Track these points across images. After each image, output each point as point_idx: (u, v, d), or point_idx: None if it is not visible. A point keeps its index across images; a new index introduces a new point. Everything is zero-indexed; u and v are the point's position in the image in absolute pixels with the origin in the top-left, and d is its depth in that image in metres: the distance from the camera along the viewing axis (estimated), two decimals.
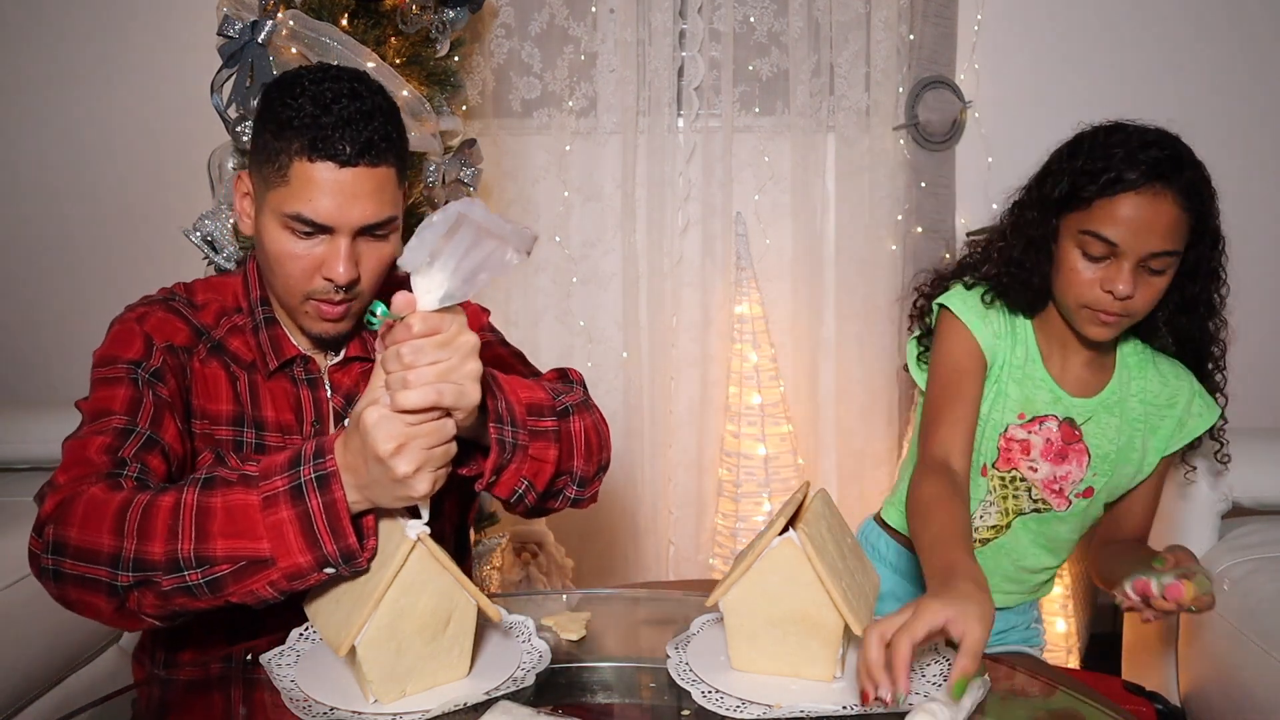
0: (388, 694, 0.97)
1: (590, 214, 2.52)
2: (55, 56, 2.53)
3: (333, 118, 1.09)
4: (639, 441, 2.51)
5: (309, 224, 1.11)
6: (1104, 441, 1.40)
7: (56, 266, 2.64)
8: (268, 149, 1.12)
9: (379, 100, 1.13)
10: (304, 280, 1.15)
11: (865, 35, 2.40)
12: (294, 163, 1.10)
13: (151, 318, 1.20)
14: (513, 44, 2.44)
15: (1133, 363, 1.42)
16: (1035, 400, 1.39)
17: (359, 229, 1.13)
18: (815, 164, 2.44)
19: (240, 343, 1.23)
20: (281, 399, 1.23)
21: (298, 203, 1.10)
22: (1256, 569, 1.73)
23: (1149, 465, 1.43)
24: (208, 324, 1.23)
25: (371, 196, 1.12)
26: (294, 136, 1.09)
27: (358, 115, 1.10)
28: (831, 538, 1.03)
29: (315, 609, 1.00)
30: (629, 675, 1.10)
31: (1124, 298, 1.26)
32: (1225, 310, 1.40)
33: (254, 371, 1.23)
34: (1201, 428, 1.42)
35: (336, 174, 1.09)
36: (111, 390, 1.13)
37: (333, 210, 1.10)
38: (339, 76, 1.13)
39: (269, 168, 1.12)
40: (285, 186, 1.11)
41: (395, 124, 1.15)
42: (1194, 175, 1.26)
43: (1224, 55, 2.46)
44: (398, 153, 1.14)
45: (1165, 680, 1.87)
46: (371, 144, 1.10)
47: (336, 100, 1.10)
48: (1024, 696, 1.08)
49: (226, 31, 1.76)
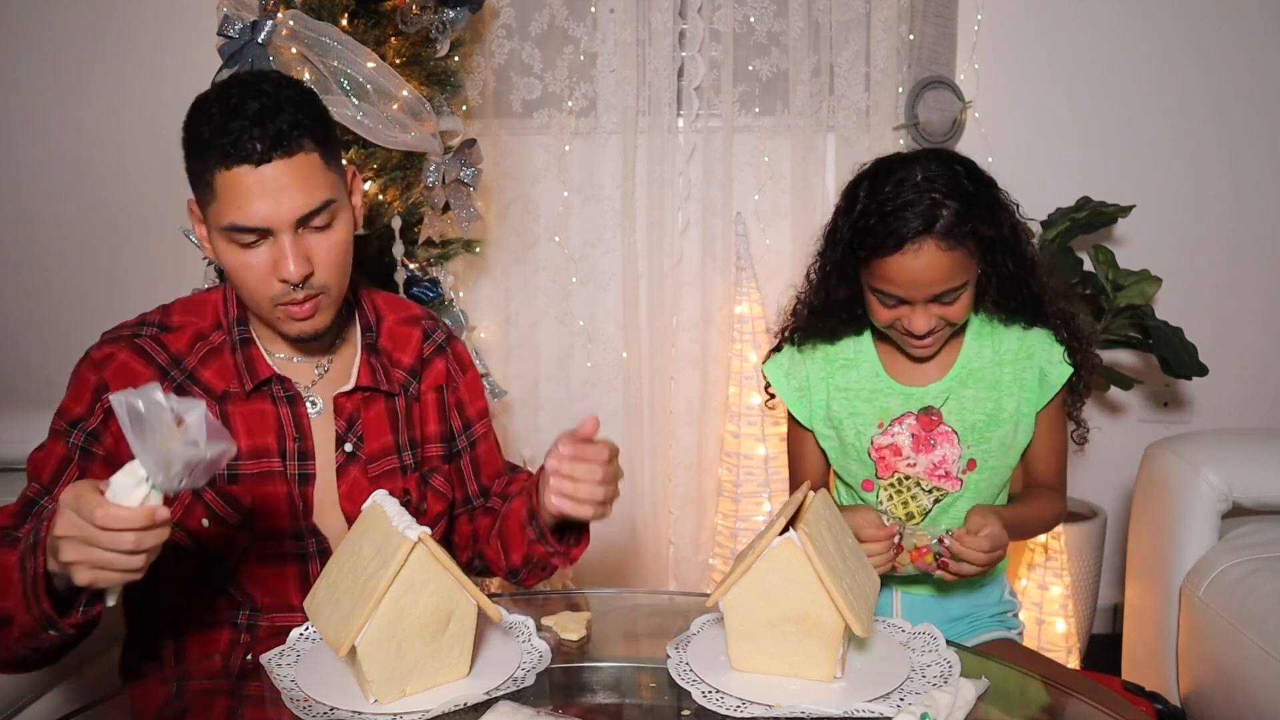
0: (388, 694, 0.97)
1: (590, 214, 2.52)
2: (55, 56, 2.52)
3: (240, 120, 1.09)
4: (639, 441, 2.51)
5: (245, 230, 1.12)
6: (966, 414, 1.45)
7: (57, 266, 2.64)
8: (194, 172, 1.14)
9: (288, 92, 1.14)
10: (264, 287, 1.15)
11: (865, 35, 2.40)
12: (216, 176, 1.11)
13: (113, 363, 1.20)
14: (513, 44, 2.44)
15: (985, 331, 1.48)
16: (889, 408, 1.47)
17: (296, 223, 1.13)
18: (815, 164, 2.44)
19: (216, 368, 1.23)
20: (259, 421, 1.23)
21: (229, 213, 1.11)
22: (1256, 569, 1.73)
23: (1026, 419, 1.47)
24: (179, 352, 1.23)
25: (297, 187, 1.11)
26: (209, 151, 1.11)
27: (263, 112, 1.10)
28: (831, 538, 1.03)
29: (315, 609, 1.00)
30: (629, 675, 1.10)
31: (922, 335, 1.37)
32: (1037, 241, 1.49)
33: (226, 401, 1.23)
34: (1063, 375, 1.46)
35: (255, 174, 1.10)
36: (51, 448, 1.21)
37: (262, 210, 1.11)
38: (244, 81, 1.14)
39: (199, 189, 1.14)
40: (216, 202, 1.12)
41: (308, 109, 1.14)
42: (956, 208, 1.31)
43: (1223, 55, 2.46)
44: (318, 137, 1.14)
45: (1165, 680, 1.87)
46: (282, 135, 1.10)
47: (242, 103, 1.10)
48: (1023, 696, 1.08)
49: (226, 31, 1.76)
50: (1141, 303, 2.32)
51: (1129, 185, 2.43)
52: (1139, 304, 2.32)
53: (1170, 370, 2.30)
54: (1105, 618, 2.62)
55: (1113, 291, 2.34)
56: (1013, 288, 1.43)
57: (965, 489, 1.47)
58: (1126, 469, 2.25)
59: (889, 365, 1.49)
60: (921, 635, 1.10)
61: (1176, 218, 2.52)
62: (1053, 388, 1.46)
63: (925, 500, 1.47)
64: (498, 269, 2.52)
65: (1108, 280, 2.34)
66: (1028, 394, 1.46)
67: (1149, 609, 1.95)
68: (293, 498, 1.24)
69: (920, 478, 1.46)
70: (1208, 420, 2.59)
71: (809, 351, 1.53)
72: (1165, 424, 2.58)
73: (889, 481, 1.48)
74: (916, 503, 1.48)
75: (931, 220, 1.30)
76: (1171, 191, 2.51)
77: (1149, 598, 1.95)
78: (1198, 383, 2.37)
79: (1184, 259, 2.50)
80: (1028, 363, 1.46)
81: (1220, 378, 2.38)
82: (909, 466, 1.46)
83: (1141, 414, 2.63)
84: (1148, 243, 2.49)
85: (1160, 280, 2.32)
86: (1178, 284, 2.42)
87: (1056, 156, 2.48)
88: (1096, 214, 2.33)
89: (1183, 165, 2.51)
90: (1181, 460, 1.87)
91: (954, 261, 1.33)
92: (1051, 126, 2.49)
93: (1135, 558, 2.04)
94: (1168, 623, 1.86)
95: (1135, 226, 2.47)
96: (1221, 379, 2.41)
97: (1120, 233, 2.51)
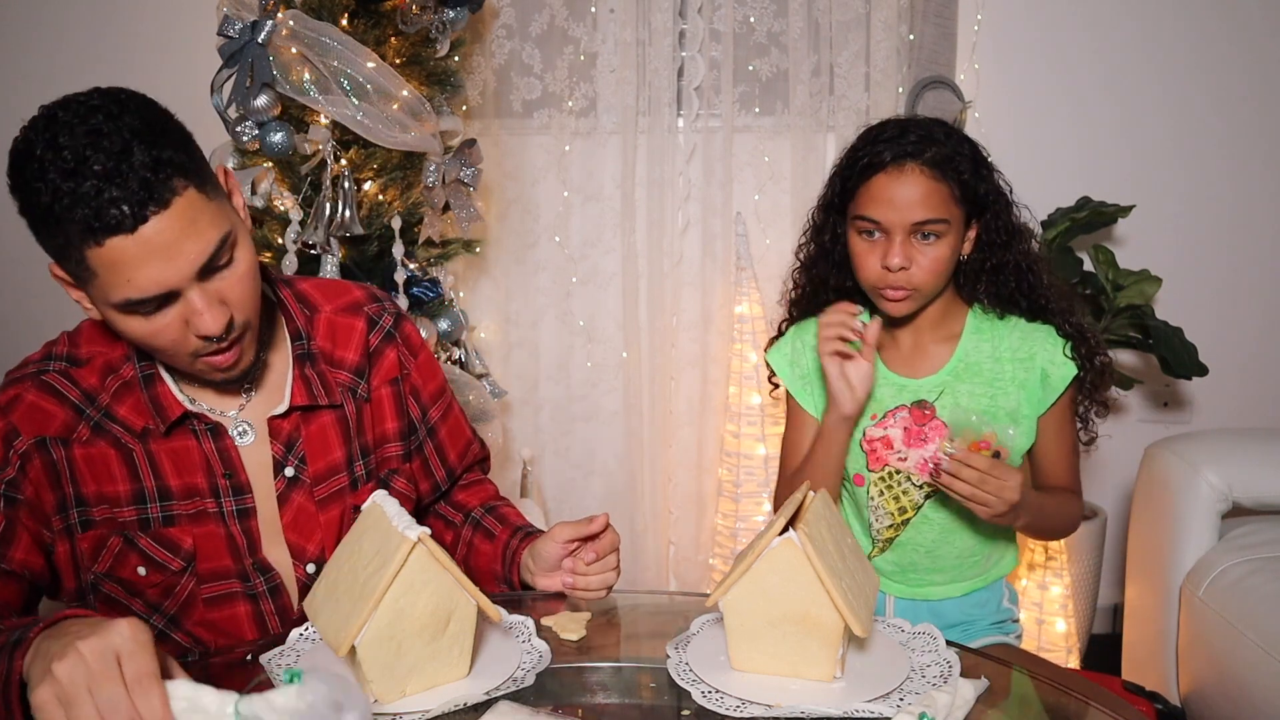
0: (388, 694, 0.97)
1: (590, 214, 2.52)
2: (55, 56, 2.52)
3: (90, 180, 0.91)
4: (639, 441, 2.51)
5: (144, 302, 0.98)
6: (961, 410, 1.44)
7: None
8: (52, 246, 0.97)
9: (126, 120, 0.95)
10: (181, 346, 1.03)
11: (865, 35, 2.40)
12: (85, 254, 0.94)
13: (20, 405, 1.09)
14: (513, 44, 2.44)
15: (984, 326, 1.48)
16: (882, 399, 1.47)
17: (199, 273, 0.99)
18: (815, 164, 2.44)
19: (130, 404, 1.12)
20: (184, 459, 1.14)
21: (118, 290, 0.96)
22: (1256, 569, 1.73)
23: (1026, 419, 1.45)
24: (92, 387, 1.12)
25: (186, 237, 0.96)
26: (65, 226, 0.93)
27: (112, 161, 0.92)
28: (831, 538, 1.02)
29: (315, 609, 1.00)
30: (629, 675, 1.10)
31: (899, 269, 1.36)
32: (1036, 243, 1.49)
33: (149, 439, 1.12)
34: (1067, 376, 1.45)
35: (133, 240, 0.93)
36: None
37: (157, 276, 0.96)
38: (70, 123, 0.94)
39: (68, 265, 0.98)
40: (95, 279, 0.96)
41: (162, 138, 0.96)
42: (946, 150, 1.37)
43: (1223, 55, 2.46)
44: (184, 167, 0.96)
45: (1165, 680, 1.87)
46: (146, 185, 0.93)
47: (81, 158, 0.92)
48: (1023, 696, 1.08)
49: (226, 31, 1.76)
50: (1141, 303, 2.32)
51: (1129, 185, 2.43)
52: (1139, 304, 2.32)
53: (1170, 370, 2.30)
54: (1105, 618, 2.62)
55: (1113, 291, 2.34)
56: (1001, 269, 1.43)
57: None
58: (1126, 469, 2.26)
59: (884, 353, 1.48)
60: (921, 635, 1.10)
61: (1176, 218, 2.52)
62: (1055, 390, 1.45)
63: (916, 495, 1.46)
64: (498, 269, 2.52)
65: (1108, 280, 2.34)
66: (1028, 395, 1.45)
67: (1149, 609, 1.95)
68: (233, 536, 1.16)
69: (911, 472, 1.45)
70: (1208, 420, 2.59)
71: (808, 339, 1.53)
72: (1165, 424, 2.58)
73: (879, 475, 1.47)
74: (908, 497, 1.46)
75: (920, 149, 1.36)
76: (1171, 191, 2.51)
77: (1149, 598, 1.95)
78: (1198, 383, 2.37)
79: (1184, 259, 2.50)
80: (1029, 363, 1.45)
81: (1220, 378, 2.38)
82: (899, 460, 1.45)
83: (1141, 414, 2.63)
84: (1148, 243, 2.49)
85: (1160, 280, 2.32)
86: (1178, 284, 2.42)
87: (1056, 156, 2.48)
88: (1096, 214, 2.33)
89: (1183, 165, 2.51)
90: (1181, 460, 1.87)
91: (937, 191, 1.36)
92: (1051, 126, 2.49)
93: (1135, 558, 2.04)
94: (1168, 623, 1.87)
95: (1135, 226, 2.47)
96: (1221, 379, 2.41)
97: (1120, 233, 2.51)
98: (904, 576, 1.50)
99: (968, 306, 1.49)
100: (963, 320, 1.48)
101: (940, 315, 1.47)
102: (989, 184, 1.42)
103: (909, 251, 1.36)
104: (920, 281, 1.38)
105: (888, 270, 1.37)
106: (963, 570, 1.51)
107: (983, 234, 1.43)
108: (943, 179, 1.36)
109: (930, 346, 1.48)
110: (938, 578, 1.50)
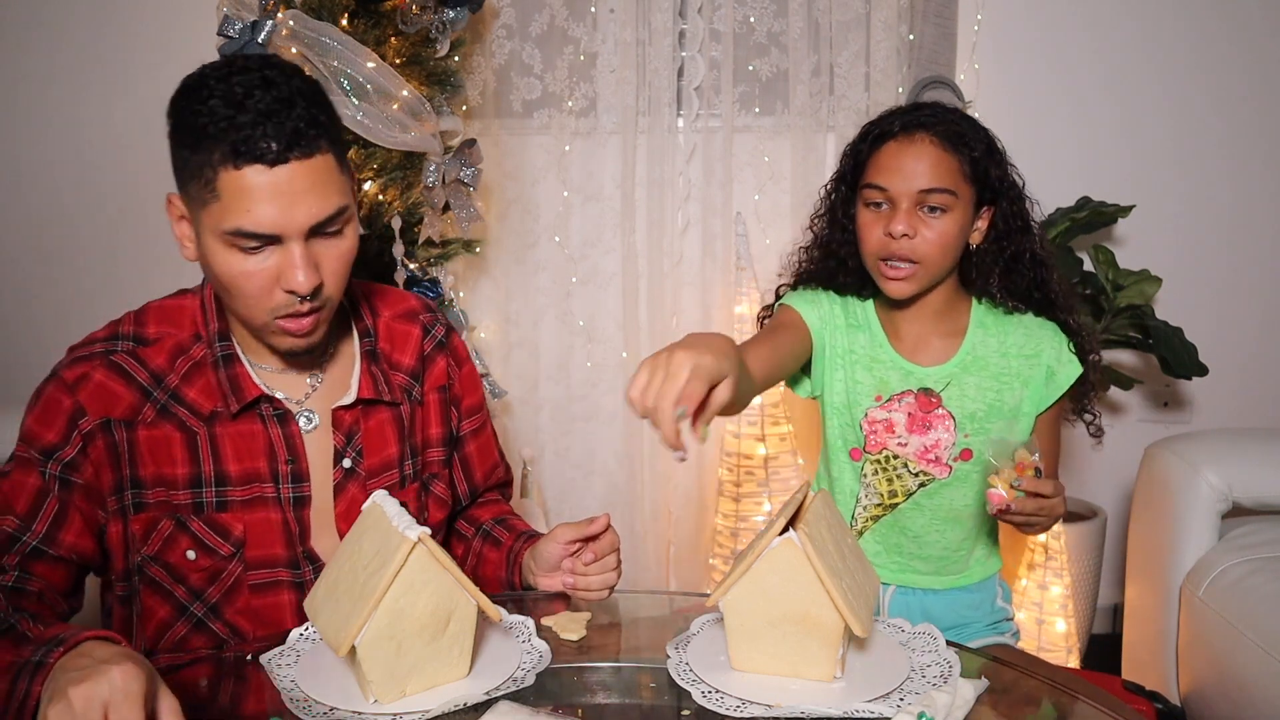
0: (388, 694, 0.97)
1: (590, 214, 2.52)
2: (55, 56, 2.52)
3: (249, 114, 0.98)
4: (638, 441, 2.51)
5: (253, 237, 1.02)
6: (966, 402, 1.44)
7: (57, 265, 2.64)
8: (189, 165, 1.02)
9: (296, 84, 1.03)
10: (264, 298, 1.06)
11: (865, 35, 2.40)
12: (219, 174, 1.00)
13: (88, 384, 1.10)
14: (513, 44, 2.44)
15: (989, 321, 1.47)
16: (889, 381, 1.46)
17: (309, 230, 1.03)
18: (815, 164, 2.44)
19: (201, 386, 1.14)
20: (248, 444, 1.15)
21: (234, 217, 1.01)
22: (1256, 569, 1.73)
23: (1026, 418, 1.46)
24: (160, 368, 1.13)
25: (313, 191, 1.02)
26: (212, 145, 0.99)
27: (276, 105, 0.99)
28: (831, 538, 1.03)
29: (315, 609, 1.00)
30: (629, 675, 1.10)
31: (901, 235, 1.35)
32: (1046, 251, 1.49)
33: (214, 423, 1.14)
34: (1072, 375, 1.45)
35: (268, 176, 0.99)
36: (23, 477, 1.09)
37: (275, 216, 1.01)
38: (247, 67, 1.02)
39: (195, 185, 1.02)
40: (217, 202, 1.01)
41: (321, 105, 1.04)
42: (957, 126, 1.38)
43: (1224, 55, 2.46)
44: (331, 136, 1.04)
45: (1165, 680, 1.87)
46: (299, 134, 1.00)
47: (249, 94, 0.99)
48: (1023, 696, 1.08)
49: (226, 31, 1.76)
50: (1141, 303, 2.32)
51: (1129, 185, 2.43)
52: (1139, 304, 2.32)
53: (1170, 370, 2.30)
54: (1105, 618, 2.62)
55: (1113, 291, 2.34)
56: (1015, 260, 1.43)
57: (954, 477, 1.45)
58: (1126, 469, 2.25)
59: (892, 336, 1.47)
60: (921, 635, 1.10)
61: (1176, 218, 2.52)
62: (1060, 388, 1.45)
63: (910, 482, 1.45)
64: (498, 269, 2.52)
65: (1108, 280, 2.34)
66: (1031, 391, 1.45)
67: (1149, 609, 1.95)
68: (287, 523, 1.17)
69: (909, 459, 1.44)
70: (1208, 420, 2.59)
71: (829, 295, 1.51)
72: (1165, 424, 2.58)
73: (876, 458, 1.46)
74: (901, 483, 1.46)
75: (934, 120, 1.38)
76: (1171, 191, 2.51)
77: (1149, 598, 1.95)
78: (1198, 383, 2.37)
79: (1184, 259, 2.50)
80: (1035, 359, 1.45)
81: (1220, 378, 2.38)
82: (899, 445, 1.44)
83: (1141, 414, 2.63)
84: (1148, 243, 2.49)
85: (1160, 280, 2.32)
86: (1178, 284, 2.42)
87: (1056, 156, 2.48)
88: (1096, 214, 2.33)
89: (1183, 165, 2.51)
90: (1181, 460, 1.87)
91: (945, 161, 1.36)
92: (1051, 126, 2.49)
93: (1135, 558, 2.04)
94: (1168, 623, 1.87)
95: (1135, 226, 2.47)
96: (1221, 379, 2.41)
97: (1120, 233, 2.51)
98: (889, 559, 1.50)
99: (972, 300, 1.48)
100: (967, 314, 1.48)
101: (944, 307, 1.46)
102: (1002, 170, 1.41)
103: (914, 222, 1.35)
104: (924, 254, 1.36)
105: (890, 238, 1.36)
106: (947, 564, 1.50)
107: (999, 222, 1.42)
108: (953, 151, 1.36)
109: (935, 339, 1.47)
110: (922, 566, 1.49)
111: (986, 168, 1.39)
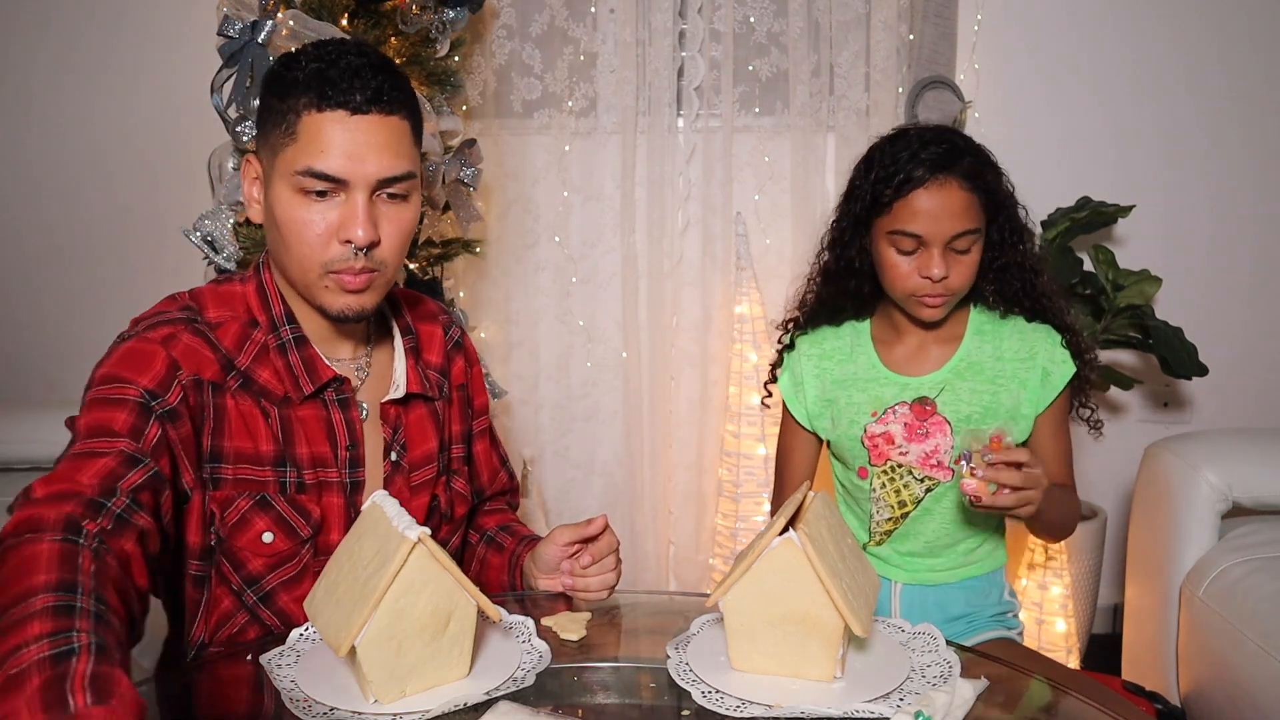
0: (388, 694, 0.97)
1: (590, 214, 2.52)
2: (55, 56, 2.53)
3: (339, 69, 1.05)
4: (639, 441, 2.51)
5: (322, 177, 1.05)
6: (962, 406, 1.46)
7: (58, 266, 2.64)
8: (274, 113, 1.07)
9: (385, 61, 1.10)
10: (320, 248, 1.07)
11: (865, 35, 2.40)
12: (302, 117, 1.05)
13: (180, 341, 1.08)
14: (514, 45, 2.44)
15: (986, 327, 1.50)
16: (883, 396, 1.49)
17: (376, 185, 1.07)
18: (815, 164, 2.44)
19: (269, 371, 1.13)
20: (313, 427, 1.16)
21: (308, 156, 1.04)
22: (1256, 569, 1.73)
23: (1025, 419, 1.47)
24: (231, 349, 1.12)
25: (387, 148, 1.06)
26: (301, 92, 1.05)
27: (365, 67, 1.05)
28: (831, 538, 1.03)
29: (315, 609, 1.00)
30: (629, 675, 1.10)
31: (940, 279, 1.39)
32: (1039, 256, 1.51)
33: (285, 405, 1.14)
34: (1067, 374, 1.47)
35: (348, 122, 1.04)
36: (111, 412, 0.99)
37: (346, 162, 1.04)
38: (342, 41, 1.10)
39: (276, 132, 1.07)
40: (294, 144, 1.05)
41: (404, 84, 1.10)
42: (972, 160, 1.41)
43: (1224, 56, 2.46)
44: (410, 109, 1.10)
45: (1165, 680, 1.87)
46: (382, 92, 1.05)
47: (342, 55, 1.06)
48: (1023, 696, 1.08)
49: (226, 31, 1.76)
50: (1141, 303, 2.32)
51: (1128, 185, 2.43)
52: (1139, 304, 2.32)
53: (1170, 370, 2.30)
54: (1105, 618, 2.62)
55: (1113, 291, 2.34)
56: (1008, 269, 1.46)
57: (957, 479, 1.45)
58: (1126, 469, 2.26)
59: (885, 356, 1.51)
60: (921, 635, 1.10)
61: (1176, 218, 2.52)
62: (1055, 388, 1.47)
63: (917, 489, 1.48)
64: (498, 269, 2.52)
65: (1108, 280, 2.34)
66: (1028, 392, 1.47)
67: (1149, 609, 1.95)
68: (348, 509, 1.18)
69: (912, 466, 1.47)
70: (1208, 420, 2.59)
71: (804, 348, 1.56)
72: (1165, 424, 2.59)
73: (882, 469, 1.49)
74: (909, 491, 1.48)
75: (954, 159, 1.39)
76: (1171, 191, 2.51)
77: (1149, 598, 1.95)
78: (1198, 383, 2.37)
79: (1184, 259, 2.50)
80: (1030, 361, 1.47)
81: (1220, 378, 2.38)
82: (900, 455, 1.47)
83: (1141, 414, 2.63)
84: (1148, 243, 2.50)
85: (1160, 280, 2.32)
86: (1178, 284, 2.42)
87: (1056, 156, 2.48)
88: (1096, 214, 2.33)
89: (1183, 165, 2.51)
90: (1181, 460, 1.87)
91: (972, 203, 1.39)
92: (1051, 126, 2.50)
93: (1135, 558, 2.04)
94: (1168, 623, 1.87)
95: (1135, 226, 2.47)
96: (1221, 379, 2.41)
97: (1120, 233, 2.51)
98: (905, 563, 1.52)
99: (969, 307, 1.51)
100: (964, 320, 1.50)
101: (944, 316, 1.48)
102: (1001, 186, 1.45)
103: (948, 262, 1.39)
104: (958, 287, 1.42)
105: (928, 280, 1.40)
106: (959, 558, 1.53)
107: (993, 234, 1.45)
108: (974, 190, 1.40)
109: (932, 347, 1.50)
110: (935, 564, 1.52)
111: (996, 193, 1.43)
